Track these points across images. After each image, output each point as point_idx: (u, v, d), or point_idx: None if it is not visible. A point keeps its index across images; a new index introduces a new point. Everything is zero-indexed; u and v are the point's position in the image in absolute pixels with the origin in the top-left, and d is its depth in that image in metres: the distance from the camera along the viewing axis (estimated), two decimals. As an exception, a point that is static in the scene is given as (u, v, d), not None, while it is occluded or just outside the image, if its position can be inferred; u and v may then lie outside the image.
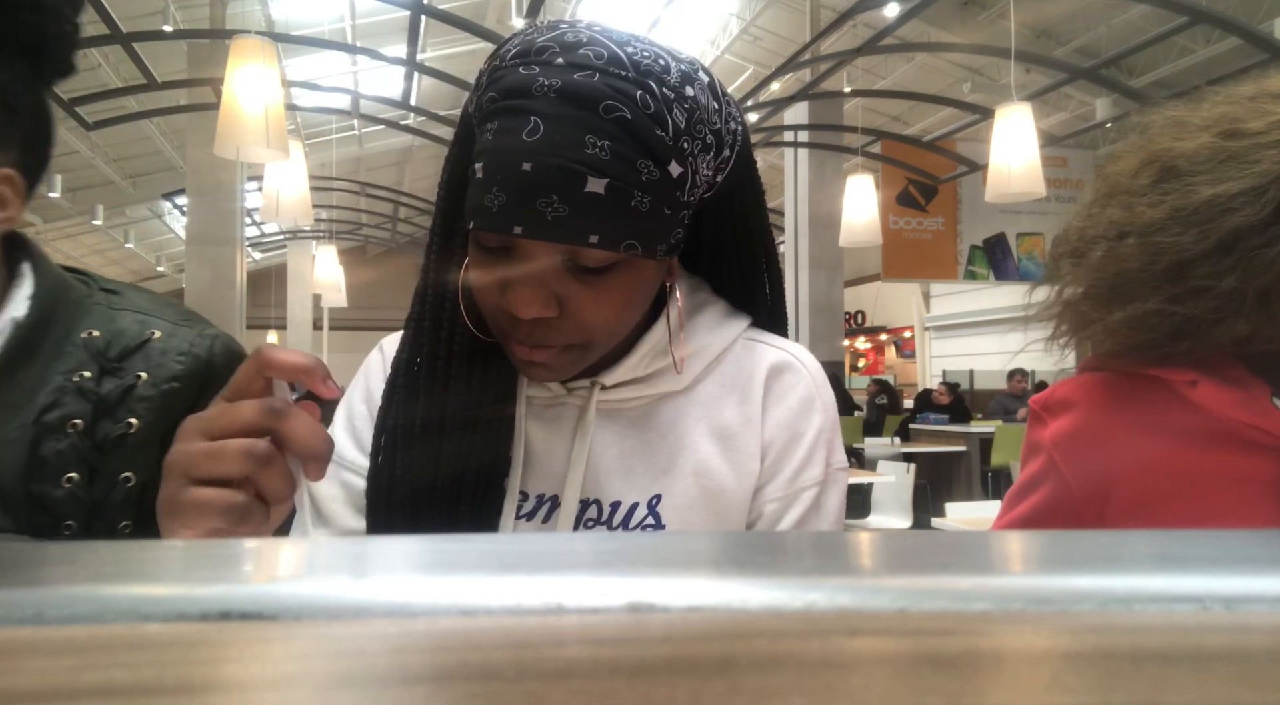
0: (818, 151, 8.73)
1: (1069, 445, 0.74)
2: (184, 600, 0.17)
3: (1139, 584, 0.18)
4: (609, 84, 0.60)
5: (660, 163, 0.62)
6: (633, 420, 0.76)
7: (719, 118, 0.68)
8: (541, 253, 0.63)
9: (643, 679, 0.16)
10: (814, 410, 0.77)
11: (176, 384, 0.71)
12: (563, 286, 0.65)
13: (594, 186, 0.60)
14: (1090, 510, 0.73)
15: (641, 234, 0.63)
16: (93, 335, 0.70)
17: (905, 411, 10.06)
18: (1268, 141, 0.65)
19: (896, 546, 0.22)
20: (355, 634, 0.17)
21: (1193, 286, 0.66)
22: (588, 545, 0.23)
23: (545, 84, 0.60)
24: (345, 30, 10.38)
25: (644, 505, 0.73)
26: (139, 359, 0.71)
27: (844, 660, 0.17)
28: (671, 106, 0.62)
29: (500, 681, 0.16)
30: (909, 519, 5.47)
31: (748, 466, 0.75)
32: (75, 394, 0.67)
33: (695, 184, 0.67)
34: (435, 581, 0.19)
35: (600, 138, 0.59)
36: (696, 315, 0.79)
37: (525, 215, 0.60)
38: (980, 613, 0.17)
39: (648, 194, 0.62)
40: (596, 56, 0.61)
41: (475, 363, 0.72)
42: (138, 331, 0.72)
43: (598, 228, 0.61)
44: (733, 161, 0.71)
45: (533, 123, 0.60)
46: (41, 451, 0.65)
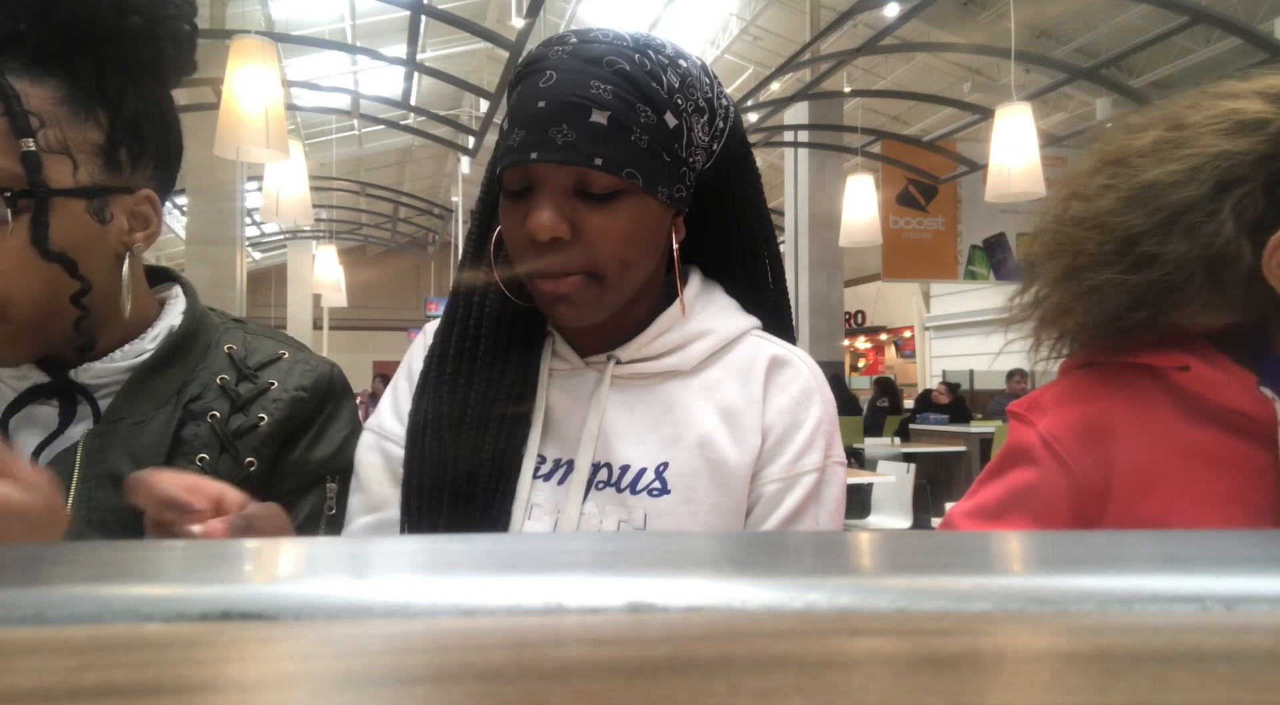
0: (818, 151, 8.73)
1: (1069, 438, 0.75)
2: (184, 600, 0.17)
3: (1139, 584, 0.18)
4: (611, 48, 0.73)
5: (656, 110, 0.73)
6: (644, 395, 0.82)
7: (710, 90, 0.79)
8: (555, 177, 0.73)
9: (643, 679, 0.16)
10: (813, 402, 0.82)
11: (304, 393, 0.84)
12: (574, 211, 0.73)
13: (598, 117, 0.71)
14: (1094, 501, 0.73)
15: (641, 167, 0.73)
16: (233, 349, 0.85)
17: (906, 411, 10.05)
18: (1204, 129, 0.71)
19: (896, 546, 0.22)
20: (355, 634, 0.17)
21: (1142, 255, 0.72)
22: (588, 545, 0.23)
23: (560, 50, 0.74)
24: (345, 30, 10.38)
25: (651, 470, 0.78)
26: (272, 371, 0.85)
27: (844, 660, 0.17)
28: (666, 69, 0.75)
29: (500, 681, 0.16)
30: (909, 519, 5.47)
31: (748, 441, 0.79)
32: (218, 391, 0.81)
33: (692, 142, 0.77)
34: (435, 581, 0.19)
35: (604, 83, 0.71)
36: (707, 305, 0.85)
37: (540, 142, 0.71)
38: (980, 613, 0.17)
39: (646, 133, 0.73)
40: (603, 35, 0.75)
41: (505, 334, 0.82)
42: (271, 349, 0.87)
43: (601, 152, 0.71)
44: (726, 134, 0.81)
45: (547, 74, 0.73)
46: (183, 432, 0.78)
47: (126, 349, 0.79)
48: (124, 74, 0.75)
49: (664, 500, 0.77)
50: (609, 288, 0.76)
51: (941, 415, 9.20)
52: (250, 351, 0.85)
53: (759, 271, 0.88)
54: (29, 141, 0.68)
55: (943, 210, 9.28)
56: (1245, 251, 0.69)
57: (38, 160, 0.69)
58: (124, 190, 0.76)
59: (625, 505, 0.78)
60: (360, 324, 17.90)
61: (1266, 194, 0.69)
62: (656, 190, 0.74)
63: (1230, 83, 0.75)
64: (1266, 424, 0.70)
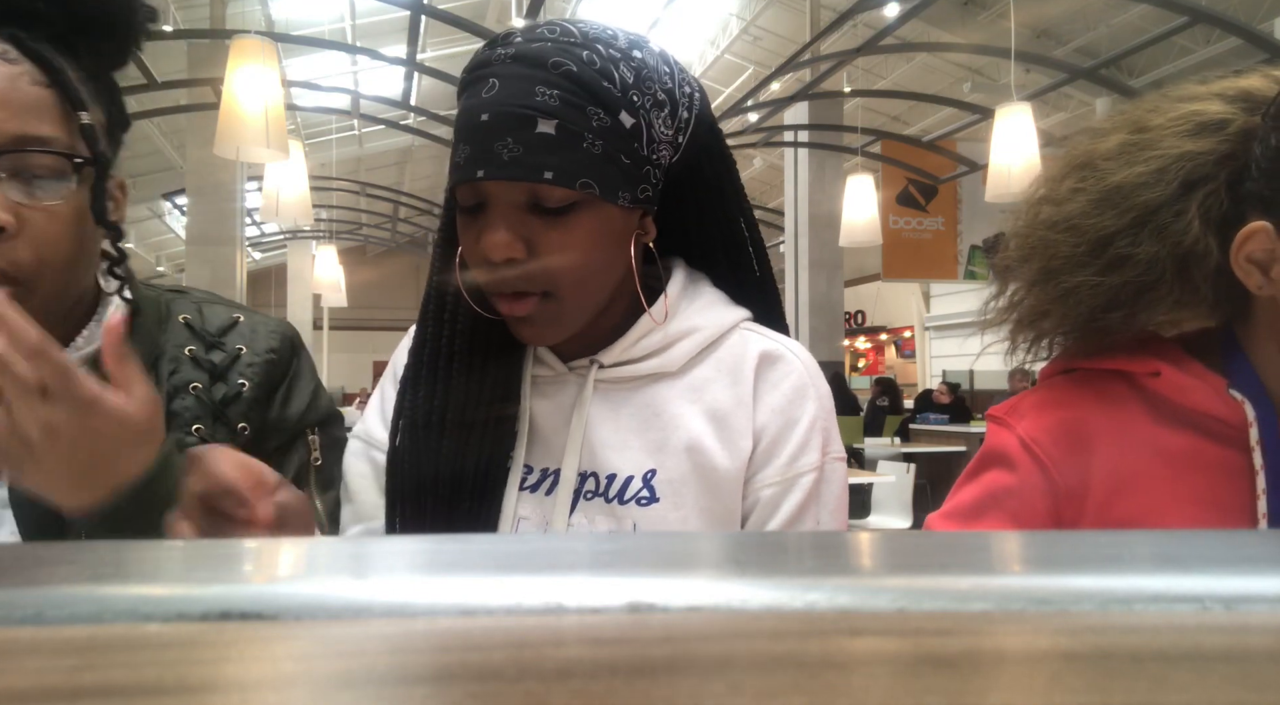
0: (818, 151, 8.73)
1: (1047, 440, 0.76)
2: (184, 600, 0.17)
3: (1139, 584, 0.18)
4: (557, 47, 0.68)
5: (610, 112, 0.69)
6: (629, 399, 0.79)
7: (670, 80, 0.74)
8: (506, 194, 0.69)
9: (643, 679, 0.16)
10: (808, 398, 0.79)
11: (273, 354, 0.85)
12: (529, 229, 0.70)
13: (544, 127, 0.67)
14: (1071, 504, 0.75)
15: (597, 174, 0.69)
16: (188, 319, 0.84)
17: (906, 412, 10.04)
18: (1168, 132, 0.73)
19: (896, 546, 0.22)
20: (355, 634, 0.17)
21: (1114, 256, 0.73)
22: (588, 545, 0.23)
23: (503, 53, 0.69)
24: (345, 30, 10.38)
25: (639, 479, 0.76)
26: (235, 336, 0.85)
27: (844, 660, 0.17)
28: (618, 64, 0.70)
29: (500, 681, 0.16)
30: (909, 519, 5.47)
31: (738, 444, 0.76)
32: (190, 363, 0.81)
33: (654, 139, 0.72)
34: (435, 581, 0.19)
35: (549, 88, 0.67)
36: (692, 300, 0.82)
37: (485, 159, 0.68)
38: (980, 613, 0.17)
39: (600, 138, 0.68)
40: (550, 31, 0.70)
41: (480, 343, 0.78)
42: (225, 315, 0.86)
43: (551, 165, 0.67)
44: (692, 123, 0.76)
45: (490, 83, 0.69)
46: (172, 407, 0.78)
47: (86, 335, 0.78)
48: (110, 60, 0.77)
49: (653, 509, 0.75)
50: (570, 305, 0.73)
51: (941, 415, 9.20)
52: (206, 319, 0.85)
53: (743, 261, 0.85)
54: (84, 114, 0.69)
55: (943, 210, 9.29)
56: (1213, 249, 0.71)
57: (94, 131, 0.70)
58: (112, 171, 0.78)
59: (614, 515, 0.75)
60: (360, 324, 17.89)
61: (1230, 192, 0.71)
62: (616, 196, 0.71)
63: (1189, 86, 0.76)
64: (1238, 427, 0.71)
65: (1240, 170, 0.71)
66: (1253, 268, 0.69)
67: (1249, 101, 0.72)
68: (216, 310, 0.86)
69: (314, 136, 12.94)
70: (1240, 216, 0.70)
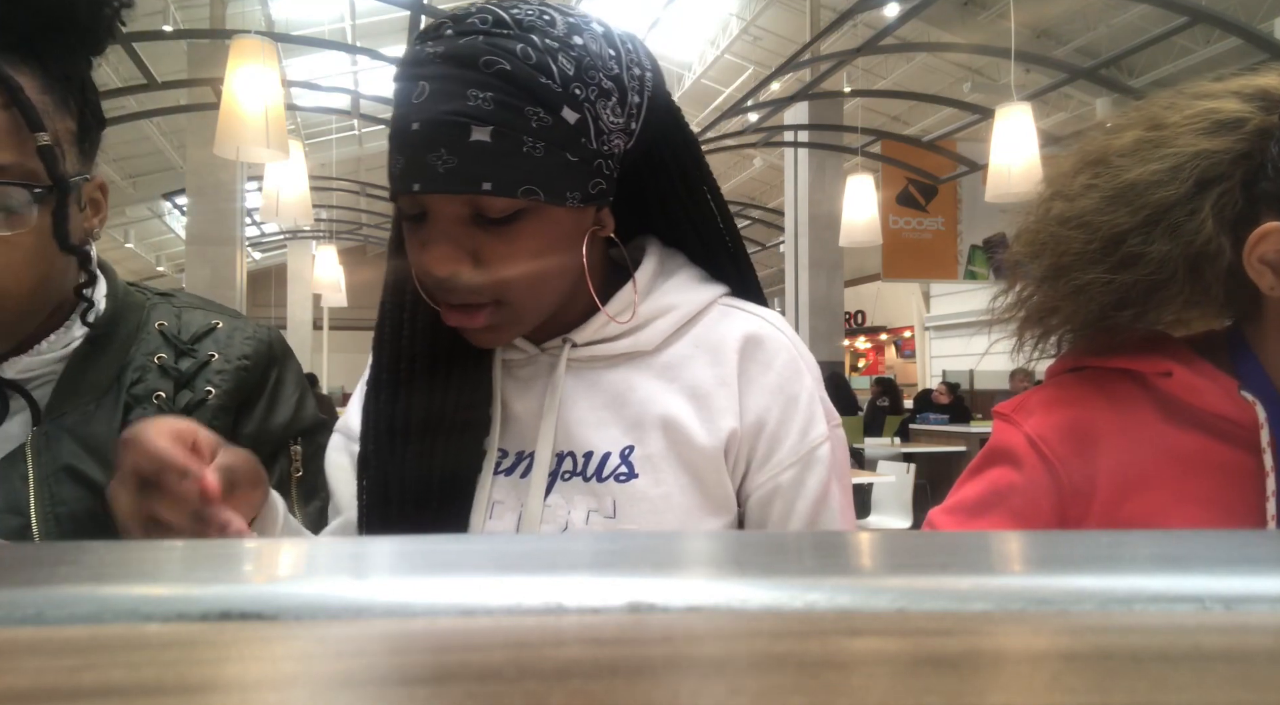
0: (818, 151, 8.73)
1: (1055, 438, 0.75)
2: (184, 600, 0.17)
3: (1139, 584, 0.18)
4: (490, 42, 0.64)
5: (551, 109, 0.65)
6: (603, 377, 0.77)
7: (617, 64, 0.69)
8: (446, 207, 0.66)
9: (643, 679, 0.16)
10: (802, 372, 0.77)
11: (247, 361, 0.82)
12: (473, 241, 0.67)
13: (479, 135, 0.63)
14: (1077, 503, 0.74)
15: (541, 179, 0.65)
16: (164, 326, 0.82)
17: (906, 412, 10.04)
18: (1183, 129, 0.72)
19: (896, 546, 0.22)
20: (355, 634, 0.17)
21: (1127, 254, 0.72)
22: (588, 545, 0.23)
23: (431, 52, 0.65)
24: (345, 30, 10.38)
25: (616, 455, 0.74)
26: (209, 342, 0.82)
27: (844, 660, 0.17)
28: (556, 55, 0.65)
29: (500, 681, 0.16)
30: (909, 519, 5.47)
31: (719, 423, 0.74)
32: (158, 372, 0.78)
33: (603, 131, 0.68)
34: (435, 581, 0.19)
35: (483, 90, 0.63)
36: (668, 278, 0.79)
37: (420, 171, 0.65)
38: (980, 613, 0.17)
39: (541, 140, 0.65)
40: (482, 21, 0.65)
41: (444, 335, 0.75)
42: (203, 321, 0.84)
43: (490, 175, 0.64)
44: (645, 107, 0.72)
45: (420, 87, 0.64)
46: (131, 417, 0.75)
47: (53, 340, 0.76)
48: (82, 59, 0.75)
49: (632, 485, 0.73)
50: (525, 309, 0.71)
51: (941, 415, 9.20)
52: (183, 326, 0.83)
53: (713, 237, 0.81)
54: (43, 135, 0.67)
55: (943, 210, 9.28)
56: (1225, 248, 0.70)
57: (53, 153, 0.68)
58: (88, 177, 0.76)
59: (594, 494, 0.73)
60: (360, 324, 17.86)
61: (1245, 191, 0.70)
62: (564, 198, 0.67)
63: (1205, 83, 0.76)
64: (1249, 428, 0.70)
65: (1256, 170, 0.70)
66: (1265, 269, 0.69)
67: (1266, 100, 0.71)
68: (195, 316, 0.84)
69: (314, 136, 12.94)
70: (1254, 216, 0.70)
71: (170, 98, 6.45)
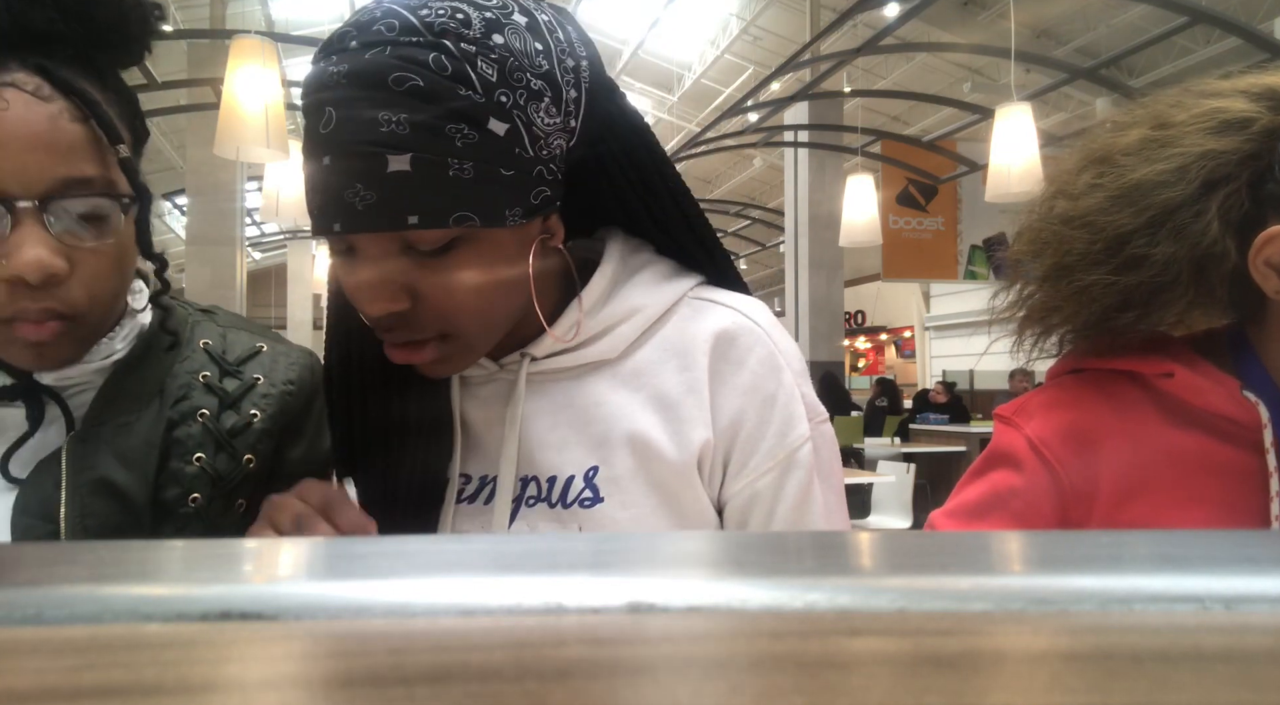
0: (818, 151, 8.73)
1: (1056, 441, 0.75)
2: (184, 600, 0.17)
3: (1139, 584, 0.18)
4: (399, 55, 0.57)
5: (475, 124, 0.58)
6: (566, 391, 0.72)
7: (547, 59, 0.62)
8: (373, 245, 0.61)
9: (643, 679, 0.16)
10: (779, 368, 0.71)
11: (292, 386, 0.81)
12: (407, 276, 0.61)
13: (397, 165, 0.57)
14: (1079, 506, 0.74)
15: (474, 203, 0.59)
16: (209, 345, 0.81)
17: (905, 412, 10.04)
18: (1190, 129, 0.71)
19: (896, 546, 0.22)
20: (355, 634, 0.17)
21: (1130, 256, 0.71)
22: (588, 545, 0.23)
23: (335, 72, 0.58)
24: (345, 30, 10.37)
25: (580, 478, 0.69)
26: (254, 365, 0.82)
27: (844, 660, 0.17)
28: (475, 61, 0.58)
29: (500, 681, 0.16)
30: (909, 519, 5.48)
31: (688, 435, 0.69)
32: (203, 390, 0.78)
33: (538, 136, 0.61)
34: (435, 581, 0.19)
35: (395, 112, 0.56)
36: (633, 278, 0.74)
37: (338, 210, 0.59)
38: (980, 613, 0.17)
39: (468, 159, 0.58)
40: (389, 28, 0.58)
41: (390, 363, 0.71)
42: (248, 342, 0.83)
43: (415, 207, 0.58)
44: (584, 100, 0.65)
45: (327, 114, 0.58)
46: (175, 434, 0.75)
47: (95, 349, 0.76)
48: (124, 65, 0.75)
49: (598, 509, 0.68)
50: (474, 338, 0.66)
51: (941, 415, 9.20)
52: (228, 346, 0.82)
53: (675, 227, 0.75)
54: (122, 147, 0.68)
55: (943, 210, 9.28)
56: (1230, 251, 0.69)
57: (133, 164, 0.69)
58: None
59: (559, 520, 0.69)
60: (360, 324, 17.87)
61: (1251, 192, 0.70)
62: (502, 219, 0.61)
63: (1213, 81, 0.75)
64: (1251, 428, 0.70)
65: (1263, 171, 0.69)
66: (1271, 272, 0.68)
67: (1274, 99, 0.70)
68: (240, 337, 0.84)
69: (314, 136, 12.92)
70: (1261, 218, 0.69)
71: (170, 98, 6.45)
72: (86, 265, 0.67)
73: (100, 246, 0.67)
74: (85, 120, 0.66)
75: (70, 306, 0.67)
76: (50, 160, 0.63)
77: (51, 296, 0.65)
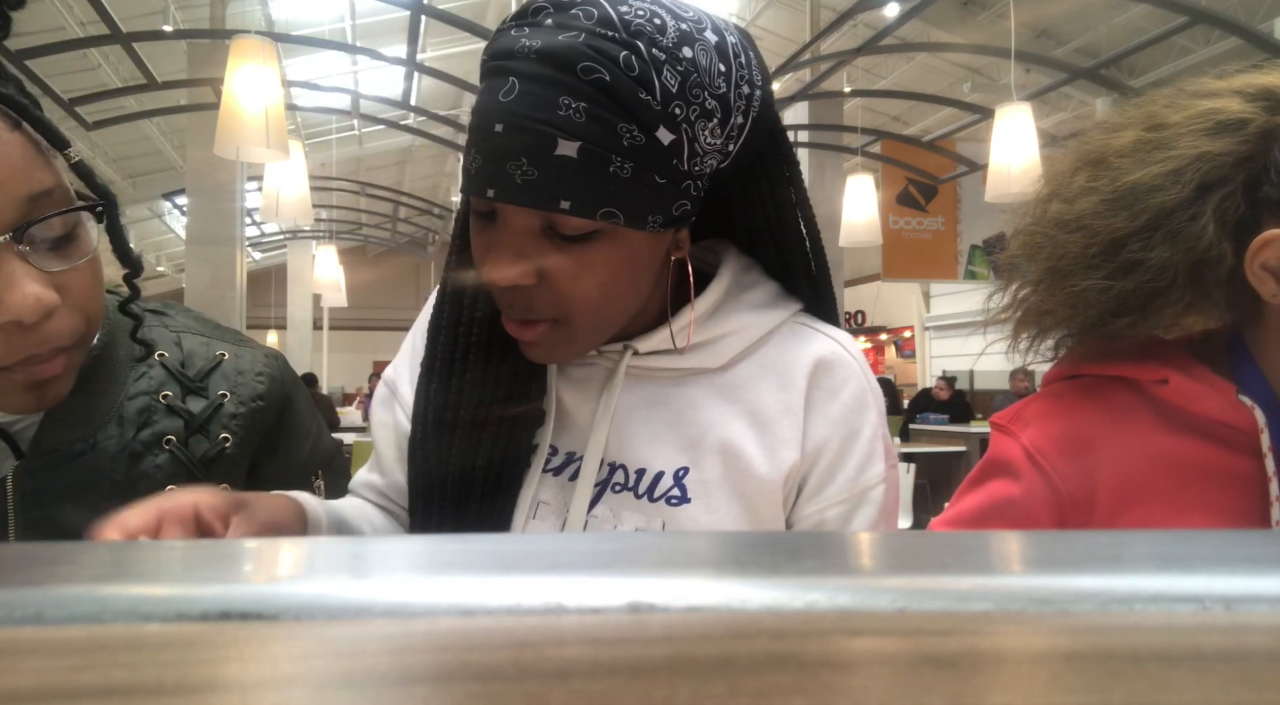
0: (818, 151, 8.73)
1: (1052, 450, 0.75)
2: (184, 600, 0.17)
3: (1139, 584, 0.18)
4: (591, 45, 0.58)
5: (645, 128, 0.59)
6: (664, 390, 0.73)
7: (726, 82, 0.63)
8: (518, 218, 0.62)
9: (643, 679, 0.16)
10: (868, 406, 0.73)
11: (261, 403, 0.77)
12: (541, 255, 0.63)
13: (565, 150, 0.58)
14: (1076, 514, 0.73)
15: (623, 202, 0.61)
16: (165, 357, 0.74)
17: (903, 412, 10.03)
18: (1185, 130, 0.70)
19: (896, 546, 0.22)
20: (355, 634, 0.17)
21: (1126, 260, 0.70)
22: (588, 545, 0.23)
23: (527, 46, 0.59)
24: (345, 30, 10.37)
25: (670, 475, 0.71)
26: (218, 379, 0.76)
27: (844, 660, 0.17)
28: (661, 69, 0.59)
29: (500, 681, 0.16)
30: (909, 519, 5.47)
31: (781, 454, 0.70)
32: (165, 412, 0.72)
33: (697, 152, 0.63)
34: (435, 581, 0.19)
35: (576, 99, 0.57)
36: (742, 294, 0.75)
37: (497, 177, 0.60)
38: (980, 613, 0.17)
39: (630, 160, 0.60)
40: (586, 16, 0.59)
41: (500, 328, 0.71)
42: (206, 353, 0.77)
43: (570, 193, 0.59)
44: (747, 129, 0.66)
45: (509, 83, 0.59)
46: (142, 466, 0.69)
47: None
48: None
49: (684, 509, 0.69)
50: (584, 331, 0.68)
51: (942, 415, 9.19)
52: (186, 356, 0.76)
53: (793, 258, 0.77)
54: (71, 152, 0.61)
55: (943, 210, 9.28)
56: (1227, 254, 0.69)
57: (87, 166, 0.62)
58: None
59: (643, 512, 0.70)
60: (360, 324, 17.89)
61: (1247, 195, 0.69)
62: (645, 223, 0.63)
63: (1208, 81, 0.74)
64: (1248, 433, 0.70)
65: (1258, 173, 0.68)
66: (1268, 276, 0.67)
67: (1270, 99, 0.69)
68: (197, 345, 0.77)
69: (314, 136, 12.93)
70: (1256, 221, 0.68)
71: (170, 98, 6.45)
72: (74, 288, 0.61)
73: (80, 265, 0.61)
74: (18, 127, 0.58)
75: (71, 336, 0.62)
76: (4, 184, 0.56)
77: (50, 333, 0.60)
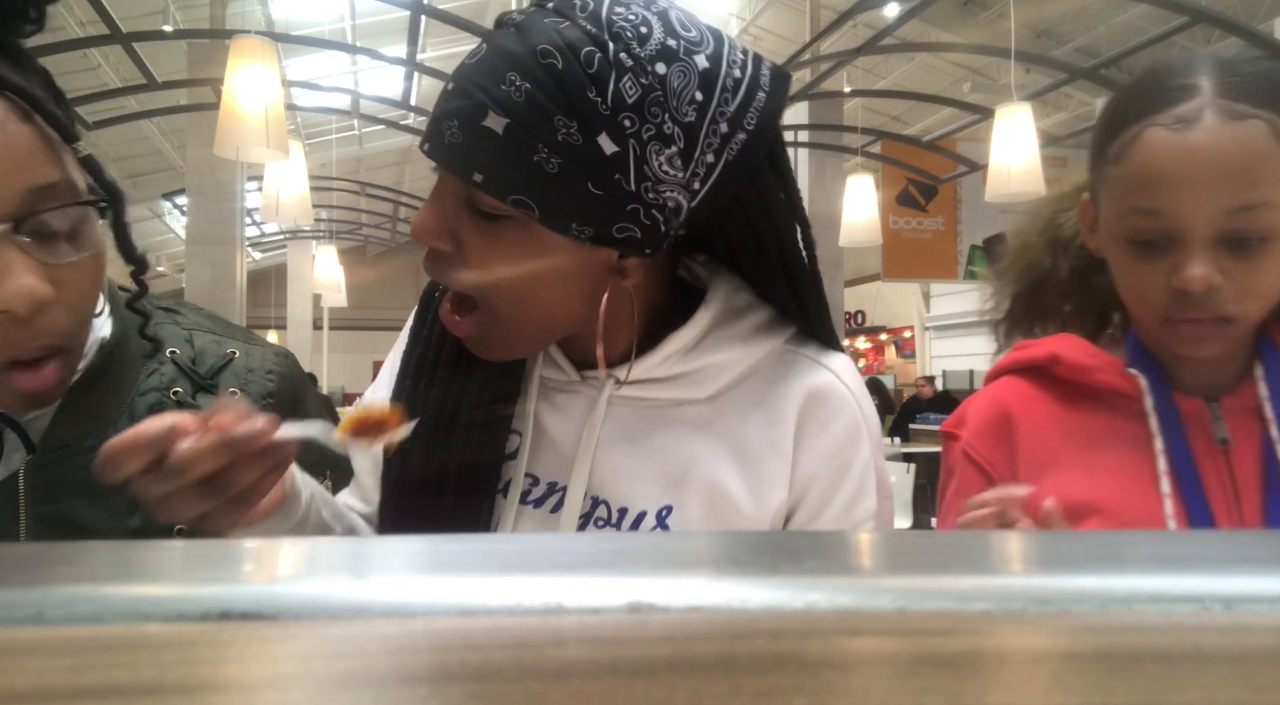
0: (818, 151, 8.73)
1: (979, 443, 0.84)
2: (184, 600, 0.17)
3: (1139, 584, 0.18)
4: (564, 33, 0.57)
5: (586, 130, 0.57)
6: (649, 422, 0.71)
7: (698, 112, 0.59)
8: (447, 180, 0.63)
9: (643, 679, 0.16)
10: (860, 439, 0.71)
11: (271, 401, 0.77)
12: (459, 223, 0.62)
13: (493, 123, 0.57)
14: None
15: (543, 196, 0.59)
16: (176, 354, 0.75)
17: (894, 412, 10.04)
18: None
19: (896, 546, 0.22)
20: (355, 634, 0.17)
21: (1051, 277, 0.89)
22: (588, 545, 0.23)
23: (514, 19, 0.61)
24: (345, 30, 10.37)
25: (653, 515, 0.69)
26: (229, 376, 0.76)
27: (844, 660, 0.17)
28: (624, 75, 0.57)
29: (500, 681, 0.16)
30: (909, 519, 5.47)
31: (768, 494, 0.69)
32: (176, 408, 0.71)
33: (647, 176, 0.60)
34: (435, 581, 0.19)
35: (522, 78, 0.57)
36: (731, 323, 0.72)
37: (433, 134, 0.61)
38: (980, 613, 0.17)
39: (560, 156, 0.58)
40: (582, 7, 0.59)
41: None
42: (217, 350, 0.77)
43: (486, 167, 0.58)
44: (720, 170, 0.62)
45: (480, 48, 0.60)
46: None
47: None
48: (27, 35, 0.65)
49: None
50: (507, 324, 0.65)
51: (942, 415, 9.19)
52: (197, 353, 0.76)
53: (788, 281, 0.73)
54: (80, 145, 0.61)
55: (943, 210, 9.28)
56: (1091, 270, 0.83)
57: (95, 161, 0.62)
58: None
59: None
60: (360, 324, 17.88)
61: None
62: (566, 227, 0.60)
63: None
64: (1136, 398, 0.79)
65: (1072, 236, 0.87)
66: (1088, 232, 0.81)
67: None
68: (208, 342, 0.77)
69: (314, 136, 12.93)
70: None
71: (170, 98, 6.45)
72: (71, 284, 0.60)
73: (81, 260, 0.61)
74: (29, 119, 0.58)
75: (62, 335, 0.61)
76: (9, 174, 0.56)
77: (41, 328, 0.59)
